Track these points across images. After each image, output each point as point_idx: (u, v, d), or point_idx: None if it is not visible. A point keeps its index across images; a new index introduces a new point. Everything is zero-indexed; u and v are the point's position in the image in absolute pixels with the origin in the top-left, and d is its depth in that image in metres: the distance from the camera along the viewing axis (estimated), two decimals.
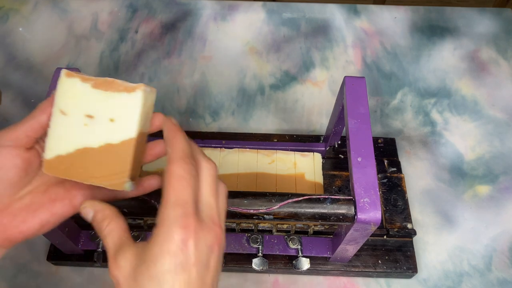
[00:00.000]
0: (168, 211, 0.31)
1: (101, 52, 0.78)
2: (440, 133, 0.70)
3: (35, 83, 0.74)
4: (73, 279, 0.57)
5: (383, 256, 0.57)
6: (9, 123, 0.69)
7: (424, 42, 0.80)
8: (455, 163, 0.67)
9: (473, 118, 0.71)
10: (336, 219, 0.43)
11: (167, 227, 0.30)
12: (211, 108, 0.72)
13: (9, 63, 0.76)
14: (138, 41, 0.79)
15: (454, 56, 0.78)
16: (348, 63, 0.77)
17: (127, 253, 0.32)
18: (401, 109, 0.72)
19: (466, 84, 0.75)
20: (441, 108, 0.72)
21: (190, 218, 0.30)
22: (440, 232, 0.61)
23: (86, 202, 0.36)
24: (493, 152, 0.68)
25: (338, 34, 0.81)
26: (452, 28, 0.82)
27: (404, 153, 0.67)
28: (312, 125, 0.70)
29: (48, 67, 0.75)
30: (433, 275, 0.58)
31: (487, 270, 0.58)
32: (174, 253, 0.29)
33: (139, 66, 0.76)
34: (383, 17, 0.83)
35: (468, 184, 0.65)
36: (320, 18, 0.83)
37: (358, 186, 0.44)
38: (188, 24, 0.82)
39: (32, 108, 0.70)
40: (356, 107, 0.49)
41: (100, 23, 0.81)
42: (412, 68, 0.77)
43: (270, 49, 0.79)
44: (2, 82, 0.74)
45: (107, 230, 0.34)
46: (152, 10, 0.83)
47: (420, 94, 0.74)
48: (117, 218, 0.35)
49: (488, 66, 0.77)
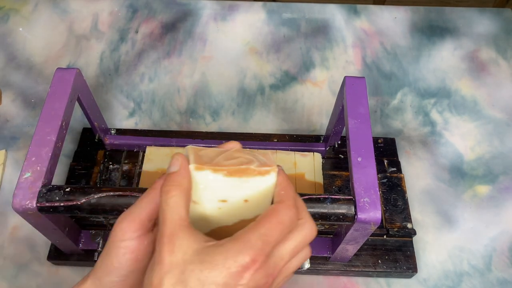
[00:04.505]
0: (251, 235, 0.30)
1: (101, 52, 0.78)
2: (440, 133, 0.70)
3: (35, 83, 0.74)
4: (73, 279, 0.57)
5: (383, 255, 0.57)
6: (10, 123, 0.69)
7: (424, 42, 0.80)
8: (455, 163, 0.67)
9: (473, 118, 0.71)
10: (336, 218, 0.43)
11: (241, 247, 0.29)
12: (211, 108, 0.72)
13: (9, 63, 0.76)
14: (138, 41, 0.79)
15: (454, 56, 0.78)
16: (348, 63, 0.77)
17: (185, 242, 0.30)
18: (401, 109, 0.72)
19: (466, 84, 0.75)
20: (441, 108, 0.72)
21: (262, 256, 0.30)
22: (440, 232, 0.61)
23: (179, 154, 0.34)
24: (493, 152, 0.68)
25: (338, 34, 0.81)
26: (452, 28, 0.82)
27: (404, 153, 0.67)
28: (312, 125, 0.70)
29: (48, 67, 0.75)
30: (433, 275, 0.58)
31: (487, 270, 0.59)
32: (230, 273, 0.29)
33: (139, 66, 0.76)
34: (383, 17, 0.83)
35: (468, 184, 0.65)
36: (320, 18, 0.83)
37: (358, 186, 0.44)
38: (188, 24, 0.82)
39: (32, 108, 0.71)
40: (356, 107, 0.49)
41: (100, 23, 0.81)
42: (412, 68, 0.77)
43: (270, 49, 0.79)
44: (2, 82, 0.74)
45: (172, 202, 0.32)
46: (152, 10, 0.83)
47: (420, 94, 0.74)
48: (186, 194, 0.32)
49: (488, 66, 0.77)
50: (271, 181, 0.33)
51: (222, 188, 0.33)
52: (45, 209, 0.42)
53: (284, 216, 0.31)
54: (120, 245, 0.33)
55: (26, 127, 0.69)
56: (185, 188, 0.32)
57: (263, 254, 0.30)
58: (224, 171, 0.33)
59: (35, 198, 0.42)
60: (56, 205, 0.42)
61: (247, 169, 0.33)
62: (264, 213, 0.31)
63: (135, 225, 0.33)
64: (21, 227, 0.60)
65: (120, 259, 0.33)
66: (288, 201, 0.32)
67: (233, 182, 0.33)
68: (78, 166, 0.62)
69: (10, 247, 0.59)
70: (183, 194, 0.32)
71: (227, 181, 0.33)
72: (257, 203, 0.34)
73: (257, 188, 0.33)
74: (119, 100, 0.72)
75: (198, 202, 0.33)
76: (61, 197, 0.42)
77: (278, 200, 0.33)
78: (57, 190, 0.43)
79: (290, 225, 0.32)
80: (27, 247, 0.59)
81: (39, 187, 0.43)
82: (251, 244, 0.30)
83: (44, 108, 0.47)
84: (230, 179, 0.33)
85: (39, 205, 0.42)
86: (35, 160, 0.44)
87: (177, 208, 0.31)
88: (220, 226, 0.34)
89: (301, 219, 0.33)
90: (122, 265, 0.33)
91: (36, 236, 0.59)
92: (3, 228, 0.60)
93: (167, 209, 0.31)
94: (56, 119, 0.47)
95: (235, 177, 0.33)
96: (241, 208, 0.34)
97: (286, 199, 0.33)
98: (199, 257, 0.29)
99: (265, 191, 0.34)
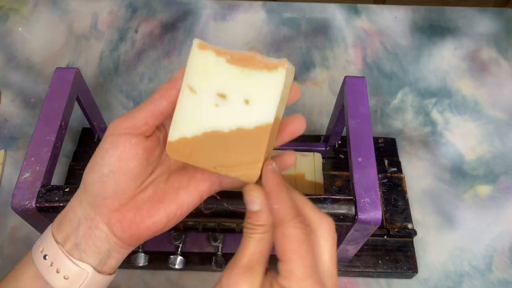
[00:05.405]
0: (299, 282, 0.28)
1: (101, 52, 0.77)
2: (440, 133, 0.70)
3: (35, 83, 0.73)
4: None
5: (383, 256, 0.57)
6: (9, 123, 0.69)
7: (425, 42, 0.80)
8: (456, 163, 0.67)
9: (473, 118, 0.71)
10: (337, 219, 0.43)
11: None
12: None
13: (9, 63, 0.76)
14: (138, 41, 0.79)
15: (454, 56, 0.78)
16: (349, 63, 0.77)
17: (256, 282, 0.29)
18: (401, 109, 0.72)
19: (466, 84, 0.75)
20: (441, 108, 0.72)
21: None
22: (440, 232, 0.61)
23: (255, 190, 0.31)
24: (493, 152, 0.68)
25: (338, 34, 0.81)
26: (452, 28, 0.81)
27: (405, 153, 0.67)
28: (312, 125, 0.70)
29: (48, 67, 0.75)
30: (433, 275, 0.58)
31: (487, 271, 0.58)
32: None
33: (139, 66, 0.76)
34: (383, 16, 0.83)
35: (469, 184, 0.65)
36: (320, 17, 0.83)
37: (359, 186, 0.44)
38: (188, 24, 0.81)
39: (31, 107, 0.71)
40: (357, 107, 0.49)
41: (100, 23, 0.81)
42: (412, 68, 0.76)
43: (270, 49, 0.79)
44: (1, 82, 0.73)
45: (259, 237, 0.30)
46: (152, 9, 0.83)
47: (420, 94, 0.74)
48: (272, 231, 0.31)
49: (489, 66, 0.77)
50: (278, 80, 0.30)
51: (223, 78, 0.31)
52: (44, 209, 0.42)
53: (300, 234, 0.29)
54: (106, 140, 0.32)
55: (26, 127, 0.69)
56: (269, 228, 0.30)
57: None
58: (228, 55, 0.31)
59: (34, 198, 0.42)
60: (56, 205, 0.42)
61: (252, 57, 0.30)
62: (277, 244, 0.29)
63: (127, 123, 0.32)
64: (20, 227, 0.60)
65: (103, 155, 0.32)
66: (290, 211, 0.30)
67: (236, 72, 0.31)
68: (78, 166, 0.62)
69: (10, 247, 0.59)
70: (269, 235, 0.30)
71: (229, 70, 0.31)
72: (259, 109, 0.30)
73: (261, 87, 0.30)
74: (118, 100, 0.72)
75: (195, 90, 0.31)
76: (60, 197, 0.42)
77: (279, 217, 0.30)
78: (57, 190, 0.42)
79: (309, 237, 0.29)
80: (27, 247, 0.59)
81: (39, 187, 0.43)
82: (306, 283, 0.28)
83: (43, 108, 0.47)
84: (233, 68, 0.31)
85: (38, 205, 0.42)
86: (35, 160, 0.44)
87: (263, 244, 0.30)
88: (214, 131, 0.31)
89: (308, 225, 0.31)
90: (104, 161, 0.32)
91: (35, 237, 0.58)
92: (3, 229, 0.60)
93: (252, 241, 0.30)
94: (55, 119, 0.46)
95: (239, 66, 0.30)
96: (240, 111, 0.31)
97: (286, 209, 0.30)
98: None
99: (270, 94, 0.30)
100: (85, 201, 0.33)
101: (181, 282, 0.57)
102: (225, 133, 0.31)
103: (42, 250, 0.34)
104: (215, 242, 0.54)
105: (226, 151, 0.31)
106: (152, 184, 0.34)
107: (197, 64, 0.31)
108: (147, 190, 0.33)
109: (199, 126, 0.32)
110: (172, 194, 0.33)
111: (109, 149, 0.32)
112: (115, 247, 0.34)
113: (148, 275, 0.57)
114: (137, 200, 0.33)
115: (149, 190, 0.33)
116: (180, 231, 0.55)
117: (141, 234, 0.33)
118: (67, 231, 0.34)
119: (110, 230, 0.33)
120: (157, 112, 0.32)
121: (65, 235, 0.34)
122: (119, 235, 0.33)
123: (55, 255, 0.33)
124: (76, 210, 0.34)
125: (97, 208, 0.33)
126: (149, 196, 0.33)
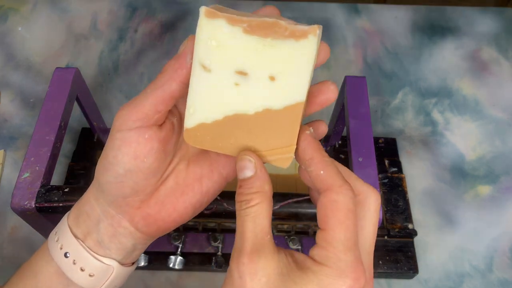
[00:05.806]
0: (338, 254, 0.25)
1: (100, 51, 0.77)
2: (441, 133, 0.69)
3: (34, 82, 0.73)
4: None
5: (383, 256, 0.57)
6: (8, 123, 0.69)
7: (425, 41, 0.79)
8: (456, 163, 0.67)
9: (474, 118, 0.71)
10: None
11: (337, 271, 0.25)
12: None
13: (8, 62, 0.76)
14: (138, 41, 0.79)
15: (455, 55, 0.78)
16: (349, 62, 0.77)
17: (269, 263, 0.25)
18: (402, 109, 0.72)
19: (467, 83, 0.75)
20: (442, 108, 0.72)
21: (360, 267, 0.25)
22: (441, 232, 0.61)
23: (249, 154, 0.28)
24: (494, 152, 0.68)
25: (338, 34, 0.80)
26: (453, 27, 0.81)
27: (405, 153, 0.67)
28: None
29: (47, 66, 0.75)
30: (434, 276, 0.58)
31: (488, 271, 0.58)
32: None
33: (138, 65, 0.76)
34: (384, 16, 0.83)
35: (469, 184, 0.65)
36: (321, 17, 0.83)
37: None
38: (188, 24, 0.81)
39: (30, 107, 0.70)
40: (357, 107, 0.49)
41: (99, 23, 0.81)
42: (413, 68, 0.76)
43: None
44: (1, 81, 0.73)
45: (253, 211, 0.27)
46: (152, 9, 0.83)
47: (421, 93, 0.73)
48: (269, 201, 0.27)
49: (489, 66, 0.77)
50: (308, 50, 0.25)
51: (241, 53, 0.26)
52: (44, 209, 0.42)
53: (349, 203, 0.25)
54: (116, 136, 0.29)
55: (25, 127, 0.69)
56: (267, 195, 0.27)
57: (359, 265, 0.25)
58: (244, 23, 0.25)
59: (33, 198, 0.42)
60: (55, 205, 0.42)
61: (275, 24, 0.25)
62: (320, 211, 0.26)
63: (136, 114, 0.28)
64: (20, 227, 0.60)
65: (115, 153, 0.29)
66: (337, 177, 0.26)
67: (256, 44, 0.25)
68: (77, 166, 0.62)
69: (9, 248, 0.59)
70: (267, 202, 0.27)
71: (248, 42, 0.25)
72: (287, 86, 0.26)
73: (288, 60, 0.25)
74: (118, 99, 0.72)
75: (209, 69, 0.26)
76: (60, 197, 0.42)
77: (325, 183, 0.26)
78: (56, 190, 0.42)
79: (356, 210, 0.26)
80: (27, 247, 0.59)
81: (38, 187, 0.42)
82: (343, 261, 0.25)
83: (43, 108, 0.47)
84: (252, 39, 0.25)
85: (38, 205, 0.42)
86: (34, 160, 0.44)
87: (260, 219, 0.26)
88: (237, 114, 0.27)
89: (359, 194, 0.28)
90: (117, 160, 0.29)
91: (35, 237, 0.59)
92: (2, 229, 0.60)
93: (248, 219, 0.26)
94: (55, 119, 0.46)
95: (259, 36, 0.25)
96: (265, 89, 0.26)
97: (334, 175, 0.26)
98: (286, 285, 0.25)
99: (300, 66, 0.26)
100: (103, 199, 0.31)
101: (181, 283, 0.57)
102: (250, 116, 0.27)
103: (61, 247, 0.32)
104: (215, 242, 0.54)
105: (253, 135, 0.28)
106: (172, 173, 0.31)
107: (207, 37, 0.26)
108: (168, 181, 0.31)
109: (219, 110, 0.28)
110: (196, 184, 0.31)
111: (122, 147, 0.28)
112: (140, 241, 0.32)
113: (148, 275, 0.57)
114: (159, 194, 0.31)
115: (170, 181, 0.31)
116: (180, 231, 0.55)
117: (167, 226, 0.31)
118: (87, 226, 0.32)
119: (134, 227, 0.31)
120: (167, 97, 0.28)
121: (85, 230, 0.32)
122: (144, 231, 0.31)
123: (77, 253, 0.31)
124: (94, 206, 0.32)
125: (118, 208, 0.31)
126: (171, 188, 0.31)
